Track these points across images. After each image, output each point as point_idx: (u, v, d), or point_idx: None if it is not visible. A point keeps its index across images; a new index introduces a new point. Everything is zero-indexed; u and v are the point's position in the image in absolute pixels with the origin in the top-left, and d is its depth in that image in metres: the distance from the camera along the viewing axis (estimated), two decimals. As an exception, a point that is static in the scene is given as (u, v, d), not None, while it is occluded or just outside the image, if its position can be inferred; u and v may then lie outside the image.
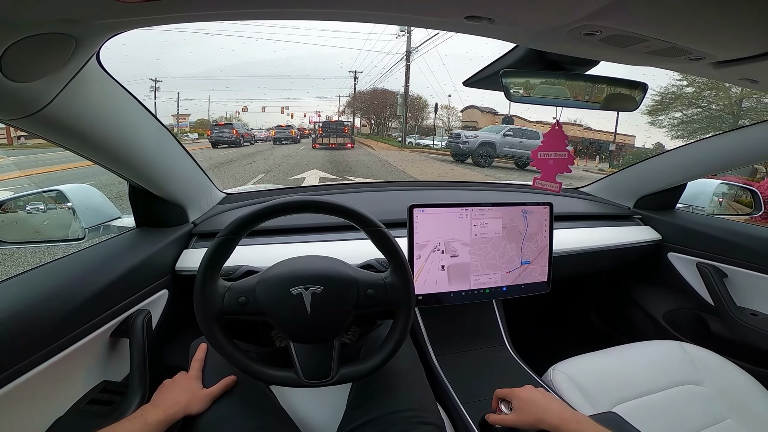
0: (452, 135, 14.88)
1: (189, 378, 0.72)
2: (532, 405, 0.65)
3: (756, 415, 0.86)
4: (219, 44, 75.42)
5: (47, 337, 0.62)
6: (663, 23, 0.45)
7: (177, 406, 0.66)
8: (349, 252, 0.89)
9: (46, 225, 1.05)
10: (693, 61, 0.55)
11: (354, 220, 0.68)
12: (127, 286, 0.79)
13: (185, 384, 0.71)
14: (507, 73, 0.65)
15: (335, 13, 0.50)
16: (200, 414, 0.67)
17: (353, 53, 45.49)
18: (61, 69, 0.52)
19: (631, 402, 0.87)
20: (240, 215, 0.65)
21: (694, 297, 1.29)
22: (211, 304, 0.64)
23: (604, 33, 0.47)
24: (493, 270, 1.00)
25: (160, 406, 0.65)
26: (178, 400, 0.67)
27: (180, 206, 1.00)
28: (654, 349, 1.04)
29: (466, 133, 13.93)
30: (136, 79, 30.00)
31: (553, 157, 0.75)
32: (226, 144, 18.10)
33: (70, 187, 1.03)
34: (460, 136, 13.37)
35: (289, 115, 44.29)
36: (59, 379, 0.66)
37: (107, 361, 0.78)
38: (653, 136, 24.04)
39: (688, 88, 12.97)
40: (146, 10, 0.43)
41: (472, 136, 13.10)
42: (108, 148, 0.73)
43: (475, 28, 0.51)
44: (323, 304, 0.65)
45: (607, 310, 1.62)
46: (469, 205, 0.97)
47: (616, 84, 0.66)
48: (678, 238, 1.32)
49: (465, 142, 12.81)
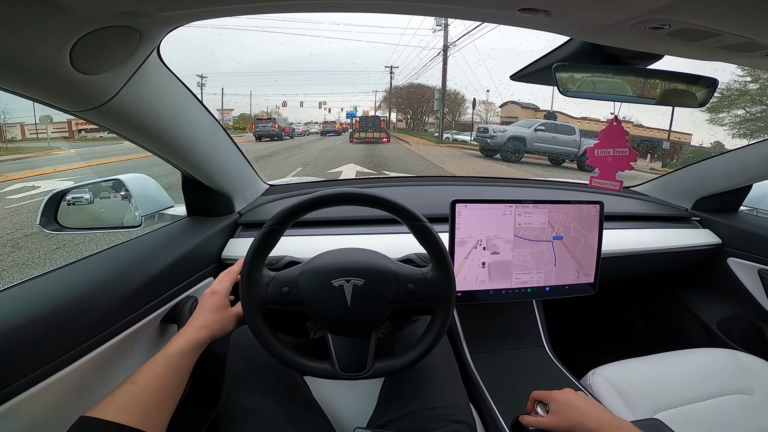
0: (480, 129, 14.32)
1: (212, 293, 0.70)
2: (570, 408, 0.63)
3: None
4: (260, 40, 77.48)
5: (102, 323, 0.64)
6: (741, 17, 0.41)
7: (201, 329, 0.64)
8: (390, 245, 0.89)
9: (104, 212, 1.12)
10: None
11: (397, 213, 0.67)
12: (177, 274, 0.82)
13: (208, 302, 0.69)
14: (560, 67, 0.63)
15: (388, 5, 0.50)
16: (232, 399, 0.68)
17: (389, 48, 45.41)
18: (125, 62, 0.55)
19: (674, 410, 0.83)
20: (286, 206, 0.66)
21: (753, 305, 1.21)
22: (255, 293, 0.65)
23: (673, 27, 0.44)
24: (536, 269, 0.97)
25: (182, 334, 0.63)
26: (201, 321, 0.65)
27: (227, 196, 1.04)
28: (704, 356, 0.98)
29: (494, 127, 13.43)
30: (185, 75, 31.51)
31: (612, 154, 0.72)
32: (269, 137, 19.00)
33: (129, 177, 1.09)
34: (488, 130, 12.86)
35: (326, 109, 44.99)
36: (112, 363, 0.67)
37: (156, 347, 0.81)
38: (712, 135, 22.31)
39: (752, 84, 11.96)
40: (204, 2, 0.45)
41: (501, 130, 12.57)
42: (166, 139, 0.76)
43: (530, 20, 0.49)
44: (364, 297, 0.65)
45: (654, 315, 1.54)
46: (513, 201, 0.95)
47: (682, 80, 0.62)
48: (740, 243, 1.24)
49: (493, 136, 12.28)
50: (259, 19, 11.27)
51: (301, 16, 23.23)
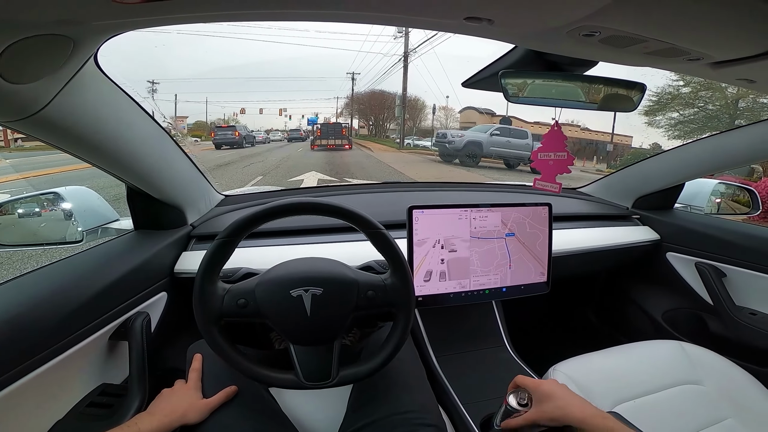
0: (438, 135, 14.65)
1: (188, 388, 0.71)
2: (555, 398, 0.62)
3: (757, 415, 0.85)
4: (217, 46, 75.43)
5: (44, 341, 0.61)
6: (662, 24, 0.45)
7: (173, 415, 0.64)
8: (349, 253, 0.89)
9: (43, 227, 1.04)
10: (691, 61, 0.55)
11: (353, 221, 0.68)
12: (126, 289, 0.79)
13: (183, 393, 0.69)
14: (506, 74, 0.65)
15: (333, 14, 0.50)
16: (197, 424, 0.66)
17: (351, 55, 45.72)
18: (59, 70, 0.52)
19: (631, 402, 0.87)
20: (239, 217, 0.65)
21: (693, 297, 1.29)
22: (210, 306, 0.64)
23: (603, 34, 0.47)
24: (492, 271, 1.00)
25: (156, 415, 0.64)
26: (174, 408, 0.66)
27: (178, 208, 0.99)
28: (653, 348, 1.03)
29: (452, 132, 13.81)
30: (132, 80, 30.01)
31: (553, 157, 0.76)
32: (229, 145, 18.11)
33: (68, 190, 1.02)
34: (446, 135, 13.22)
35: (287, 116, 44.42)
36: (58, 382, 0.65)
37: (106, 364, 0.78)
38: (650, 137, 24.13)
39: (685, 88, 13.05)
40: (144, 11, 0.43)
41: (458, 135, 12.94)
42: (106, 150, 0.72)
43: (475, 29, 0.51)
44: (323, 305, 0.65)
45: (606, 310, 1.62)
46: (468, 206, 0.97)
47: (614, 84, 0.66)
48: (676, 238, 1.33)
49: (451, 141, 12.63)
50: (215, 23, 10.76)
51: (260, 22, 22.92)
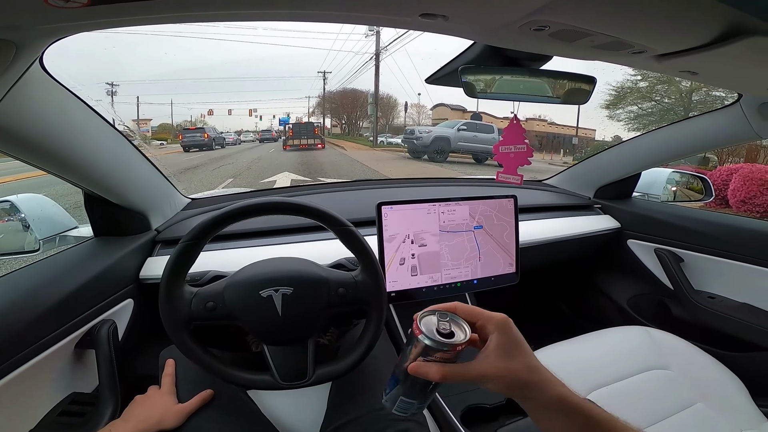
0: (407, 131, 14.58)
1: (162, 393, 0.69)
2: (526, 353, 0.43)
3: (723, 399, 0.88)
4: (180, 46, 72.93)
5: (3, 352, 0.59)
6: (605, 18, 0.47)
7: (149, 421, 0.63)
8: (320, 252, 0.89)
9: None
10: (635, 54, 0.58)
11: (321, 219, 0.68)
12: (88, 297, 0.76)
13: (158, 399, 0.68)
14: (466, 70, 0.67)
15: (289, 14, 0.49)
16: (174, 430, 0.65)
17: (322, 53, 45.15)
18: (1, 75, 0.50)
19: (604, 389, 0.88)
20: (202, 220, 0.64)
21: (655, 282, 1.34)
22: (177, 311, 0.63)
23: (553, 28, 0.49)
24: (463, 264, 1.02)
25: (130, 422, 0.63)
26: (150, 415, 0.64)
27: (141, 213, 0.96)
28: (621, 335, 1.06)
29: (419, 128, 13.82)
30: (89, 83, 28.60)
31: (513, 150, 0.78)
32: (197, 148, 17.54)
33: (21, 198, 0.98)
34: (414, 131, 13.20)
35: (257, 117, 43.55)
36: (24, 392, 0.63)
37: (74, 373, 0.76)
38: (612, 130, 25.11)
39: (642, 82, 13.66)
40: (87, 14, 0.41)
41: (426, 131, 12.93)
42: (57, 155, 0.69)
43: (431, 25, 0.52)
44: (294, 305, 0.65)
45: (575, 298, 1.67)
46: (436, 200, 0.99)
47: (568, 78, 0.69)
48: (635, 226, 1.38)
49: (419, 137, 12.60)
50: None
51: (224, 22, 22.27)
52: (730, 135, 1.08)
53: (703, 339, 1.12)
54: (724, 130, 1.08)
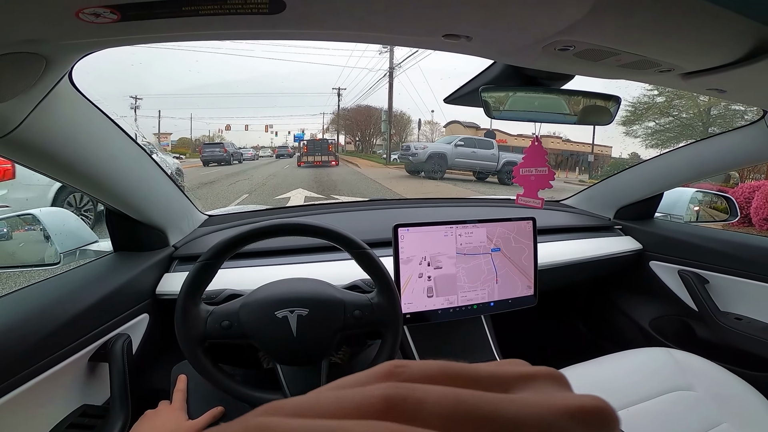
0: (403, 147, 14.18)
1: (173, 409, 0.69)
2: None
3: (750, 418, 0.85)
4: (200, 62, 75.45)
5: (20, 363, 0.59)
6: (632, 37, 0.46)
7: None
8: (335, 273, 0.88)
9: (20, 249, 1.02)
10: (662, 72, 0.57)
11: (337, 241, 0.68)
12: (105, 312, 0.77)
13: (168, 415, 0.68)
14: (486, 90, 0.66)
15: (312, 34, 0.50)
16: None
17: (337, 70, 46.18)
18: (31, 89, 0.51)
19: (625, 411, 0.86)
20: (221, 239, 0.65)
21: (679, 303, 1.31)
22: (193, 329, 0.63)
23: (578, 48, 0.48)
24: (479, 286, 1.00)
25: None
26: (159, 430, 0.64)
27: (159, 229, 0.97)
28: (642, 356, 1.04)
29: (415, 144, 13.54)
30: (114, 97, 29.65)
31: (534, 173, 0.76)
32: (216, 162, 17.78)
33: (44, 211, 0.99)
34: (410, 148, 12.84)
35: (273, 132, 44.46)
36: (36, 404, 0.63)
37: (86, 386, 0.76)
38: (629, 146, 24.86)
39: (659, 97, 13.49)
40: (117, 30, 0.42)
41: (421, 147, 12.59)
42: (82, 170, 0.71)
43: (454, 46, 0.52)
44: (309, 326, 0.64)
45: (595, 319, 1.63)
46: (453, 222, 0.97)
47: (591, 97, 0.68)
48: (658, 247, 1.35)
49: (414, 154, 12.23)
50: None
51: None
52: (754, 153, 1.06)
53: (728, 360, 1.08)
54: (749, 148, 1.05)
